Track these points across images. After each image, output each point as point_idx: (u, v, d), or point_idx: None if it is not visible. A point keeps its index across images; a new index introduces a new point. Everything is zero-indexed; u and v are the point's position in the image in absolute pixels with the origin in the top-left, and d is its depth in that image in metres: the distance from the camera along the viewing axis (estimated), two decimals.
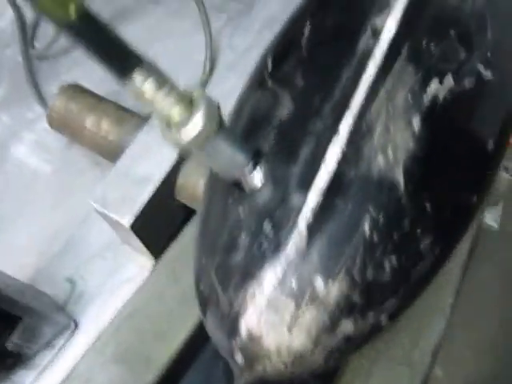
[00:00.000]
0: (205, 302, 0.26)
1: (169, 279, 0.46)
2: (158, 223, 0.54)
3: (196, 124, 0.20)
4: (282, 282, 0.22)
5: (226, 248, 0.24)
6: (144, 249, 0.57)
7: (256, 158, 0.23)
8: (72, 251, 0.62)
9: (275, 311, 0.22)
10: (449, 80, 0.25)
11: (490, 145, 0.25)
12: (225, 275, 0.24)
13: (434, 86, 0.25)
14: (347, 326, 0.23)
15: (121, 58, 0.19)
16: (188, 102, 0.20)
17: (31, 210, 0.65)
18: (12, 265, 0.57)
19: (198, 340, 0.44)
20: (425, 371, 0.38)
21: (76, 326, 0.57)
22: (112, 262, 0.61)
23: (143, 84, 0.19)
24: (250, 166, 0.23)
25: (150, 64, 0.20)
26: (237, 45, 0.74)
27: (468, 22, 0.26)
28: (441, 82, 0.25)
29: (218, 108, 0.21)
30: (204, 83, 0.71)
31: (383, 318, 0.24)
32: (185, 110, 0.20)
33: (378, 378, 0.38)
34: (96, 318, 0.58)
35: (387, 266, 0.22)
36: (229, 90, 0.73)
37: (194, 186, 0.54)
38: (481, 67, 0.25)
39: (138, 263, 0.60)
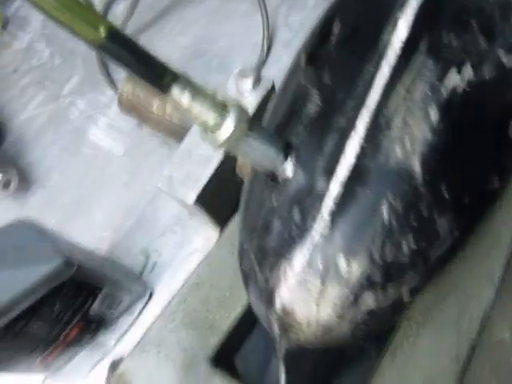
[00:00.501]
0: (246, 279, 0.29)
1: (230, 251, 0.49)
2: (220, 198, 0.58)
3: (228, 127, 0.23)
4: (310, 263, 0.25)
5: (262, 233, 0.27)
6: (209, 222, 0.61)
7: (286, 151, 0.26)
8: (144, 226, 0.67)
9: (304, 288, 0.25)
10: (468, 71, 0.26)
11: (511, 130, 0.26)
12: (261, 256, 0.26)
13: (453, 78, 0.26)
14: (369, 301, 0.25)
15: (157, 75, 0.22)
16: (221, 109, 0.23)
17: (107, 189, 0.70)
18: (91, 239, 0.63)
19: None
20: (473, 338, 0.40)
21: (151, 293, 0.62)
22: (181, 235, 0.65)
23: (180, 97, 0.22)
24: (281, 159, 0.26)
25: (184, 77, 0.22)
26: (293, 22, 0.75)
27: (491, 11, 0.27)
28: (460, 74, 0.26)
29: (247, 111, 0.23)
30: (262, 61, 0.73)
31: (404, 294, 0.26)
32: (218, 116, 0.23)
33: (426, 341, 0.40)
34: (169, 287, 0.63)
35: (405, 247, 0.25)
36: (286, 67, 0.75)
37: None
38: (502, 55, 0.26)
39: (204, 236, 0.65)
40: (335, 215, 0.25)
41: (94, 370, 0.59)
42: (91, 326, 0.56)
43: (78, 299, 0.51)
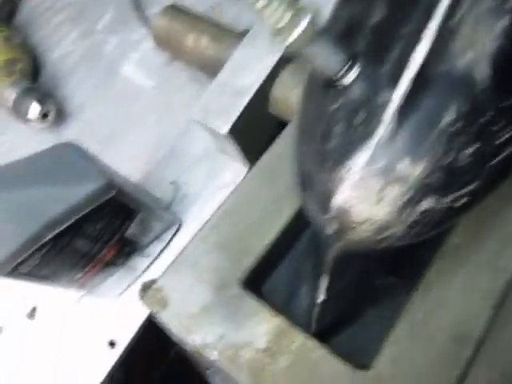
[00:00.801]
0: (304, 182, 0.29)
1: (263, 182, 0.49)
2: (252, 133, 0.58)
3: (300, 28, 0.22)
4: (371, 164, 0.25)
5: (323, 136, 0.27)
6: (239, 157, 0.61)
7: (351, 58, 0.25)
8: (175, 159, 0.67)
9: (364, 187, 0.25)
10: None
11: None
12: (322, 158, 0.26)
13: None
14: (426, 204, 0.25)
15: None
16: (295, 10, 0.23)
17: (138, 123, 0.70)
18: (124, 171, 0.63)
19: (290, 236, 0.48)
20: (508, 278, 0.38)
21: (180, 223, 0.63)
22: (210, 168, 0.66)
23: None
24: (346, 65, 0.25)
25: None
26: None
27: None
28: None
29: (316, 17, 0.23)
30: None
31: (460, 201, 0.26)
32: (292, 17, 0.22)
33: (460, 279, 0.39)
34: (197, 217, 0.63)
35: (466, 154, 0.25)
36: None
37: (286, 98, 0.56)
38: None
39: (233, 170, 0.65)
40: (399, 120, 0.24)
41: (125, 292, 0.61)
42: (126, 249, 0.57)
43: (116, 220, 0.52)
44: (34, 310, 0.63)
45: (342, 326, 0.47)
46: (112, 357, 0.59)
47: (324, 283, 0.34)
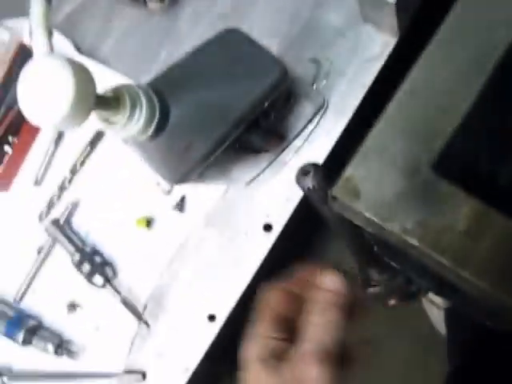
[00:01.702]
0: None
1: (444, 58, 0.46)
2: None
3: None
4: None
5: None
6: (389, 26, 0.57)
7: None
8: (312, 32, 0.63)
9: None
10: None
11: None
12: None
13: None
14: None
15: None
16: None
17: None
18: None
19: (478, 113, 0.46)
20: None
21: (327, 103, 0.61)
22: (354, 40, 0.61)
23: None
24: None
25: None
26: None
27: None
28: None
29: None
30: None
31: None
32: None
33: None
34: (345, 95, 0.61)
35: None
36: None
37: None
38: None
39: (380, 41, 0.60)
40: None
41: (277, 176, 0.60)
42: (281, 134, 0.56)
43: (281, 108, 0.50)
44: (182, 200, 0.64)
45: None
46: (268, 241, 0.61)
47: None
